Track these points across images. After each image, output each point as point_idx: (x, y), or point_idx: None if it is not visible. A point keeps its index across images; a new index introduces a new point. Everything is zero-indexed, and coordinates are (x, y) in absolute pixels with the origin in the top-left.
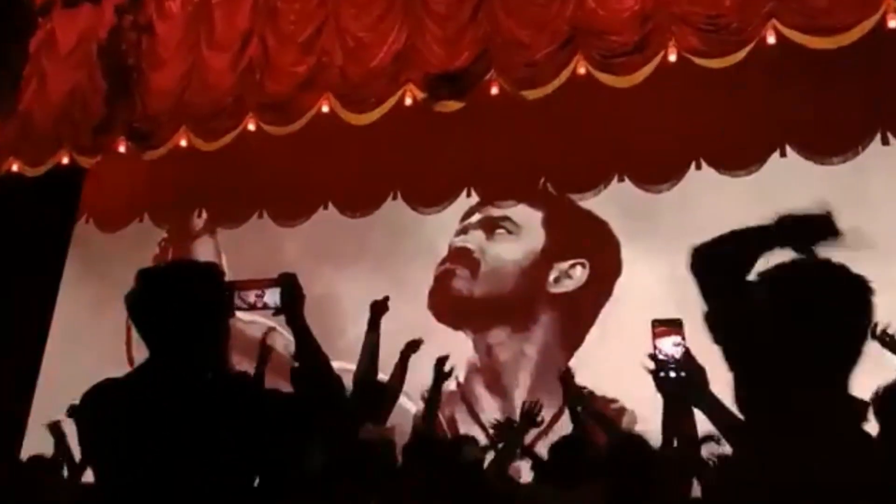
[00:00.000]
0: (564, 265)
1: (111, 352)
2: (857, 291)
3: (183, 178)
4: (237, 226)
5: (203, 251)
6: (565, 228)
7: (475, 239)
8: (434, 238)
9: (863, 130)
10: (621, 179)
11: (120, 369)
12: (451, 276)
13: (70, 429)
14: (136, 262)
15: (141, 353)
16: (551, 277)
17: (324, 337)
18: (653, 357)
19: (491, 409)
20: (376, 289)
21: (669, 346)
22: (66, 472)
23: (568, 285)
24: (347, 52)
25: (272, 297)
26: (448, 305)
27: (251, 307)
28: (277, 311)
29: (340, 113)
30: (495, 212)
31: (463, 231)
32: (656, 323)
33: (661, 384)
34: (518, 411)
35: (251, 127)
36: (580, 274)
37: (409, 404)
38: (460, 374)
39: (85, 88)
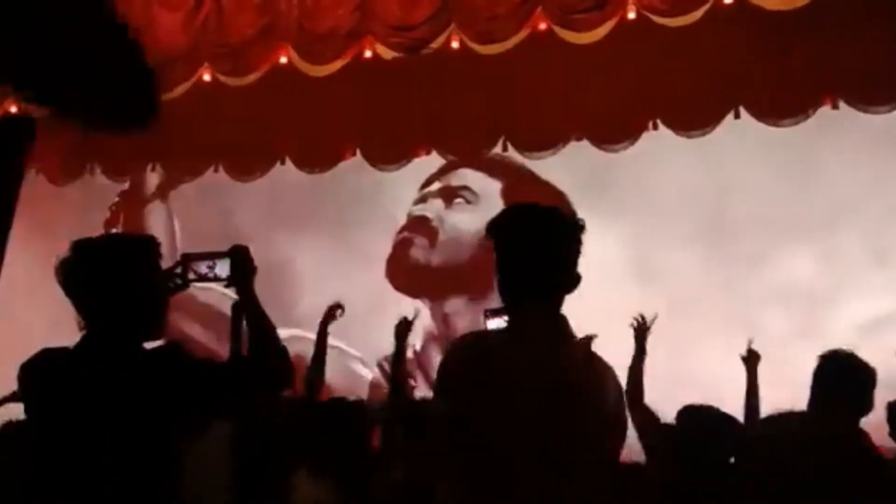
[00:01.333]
0: None
1: (61, 312)
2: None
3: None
4: (191, 180)
5: (155, 217)
6: (523, 198)
7: (433, 208)
8: (392, 206)
9: (814, 94)
10: (579, 138)
11: (72, 330)
12: (409, 245)
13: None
14: (87, 228)
15: None
16: None
17: (280, 304)
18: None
19: None
20: (333, 257)
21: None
22: None
23: None
24: (305, 9)
25: (223, 268)
26: (405, 274)
27: (202, 278)
28: (228, 283)
29: (298, 64)
30: (454, 181)
31: (422, 199)
32: (487, 312)
33: None
34: None
35: (207, 77)
36: None
37: (365, 371)
38: (417, 342)
39: None
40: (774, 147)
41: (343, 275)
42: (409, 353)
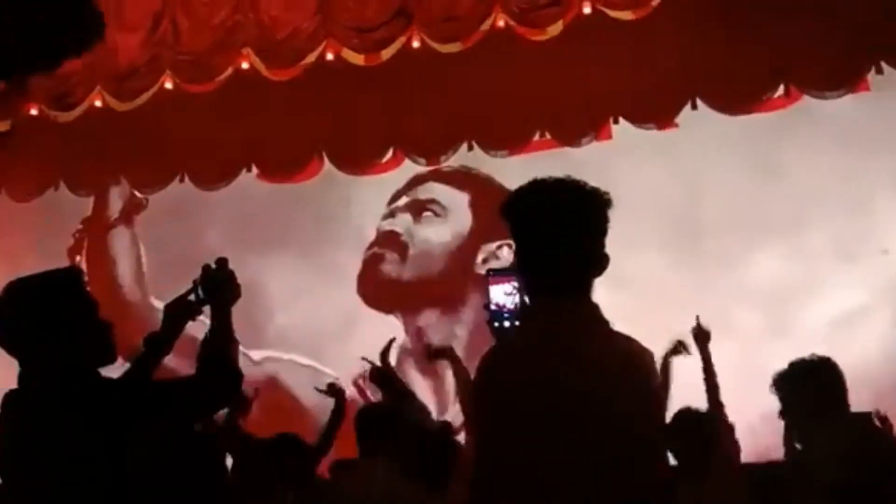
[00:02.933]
0: (492, 246)
1: None
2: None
3: (100, 143)
4: (156, 190)
5: (120, 241)
6: (491, 210)
7: (403, 222)
8: (361, 222)
9: (768, 81)
10: (542, 135)
11: None
12: (380, 260)
13: None
14: (50, 255)
15: None
16: (479, 258)
17: (252, 326)
18: (486, 306)
19: (423, 392)
20: (304, 275)
21: (502, 295)
22: None
23: (495, 265)
24: (265, 14)
25: (200, 291)
26: (377, 289)
27: (201, 307)
28: (204, 302)
29: (260, 69)
30: (422, 194)
31: (390, 214)
32: (490, 272)
33: (496, 333)
34: (450, 393)
35: (168, 85)
36: (507, 254)
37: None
38: (392, 357)
39: None
40: (738, 148)
41: (314, 293)
42: None
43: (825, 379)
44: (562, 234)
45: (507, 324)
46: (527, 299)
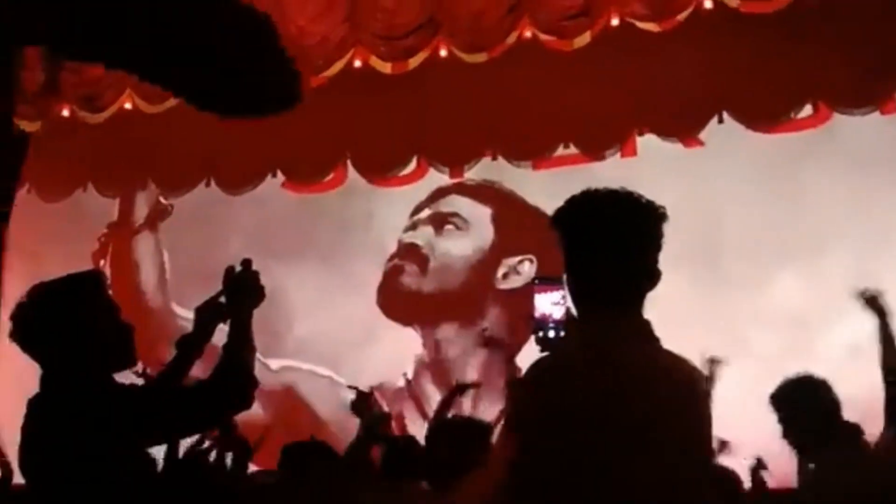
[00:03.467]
0: (513, 261)
1: None
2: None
3: (128, 145)
4: (183, 193)
5: (144, 247)
6: (513, 224)
7: (424, 235)
8: (382, 234)
9: (796, 97)
10: (566, 147)
11: None
12: (400, 272)
13: None
14: (75, 259)
15: None
16: (500, 273)
17: (271, 335)
18: (531, 316)
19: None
20: (324, 286)
21: (548, 305)
22: None
23: (516, 281)
24: (294, 21)
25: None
26: (397, 301)
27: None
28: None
29: None
30: (444, 207)
31: (412, 227)
32: (536, 280)
33: (541, 344)
34: (466, 405)
35: None
36: (528, 269)
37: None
38: (409, 370)
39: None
40: (761, 169)
41: (334, 304)
42: (401, 382)
43: (824, 397)
44: (616, 245)
45: (552, 334)
46: (574, 310)
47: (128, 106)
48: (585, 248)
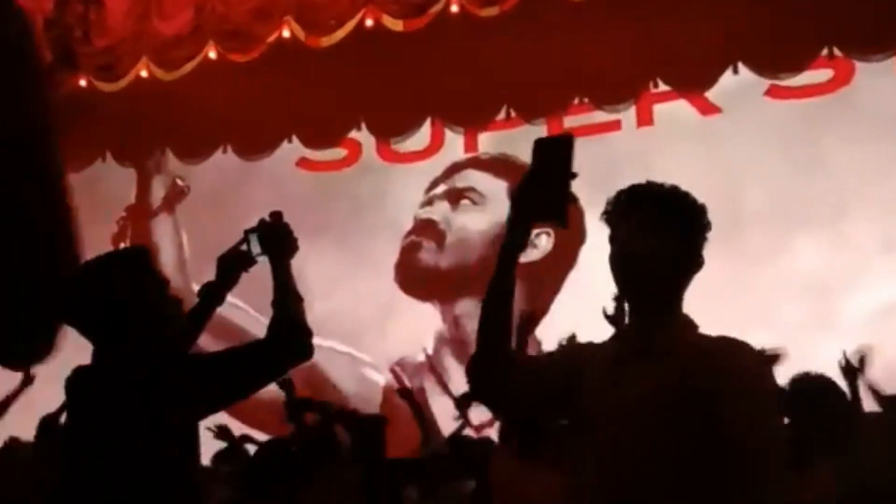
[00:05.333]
0: (531, 234)
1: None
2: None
3: (145, 114)
4: (200, 161)
5: (162, 229)
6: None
7: (440, 210)
8: (398, 211)
9: (812, 45)
10: (581, 101)
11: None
12: (417, 248)
13: None
14: (95, 242)
15: None
16: None
17: None
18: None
19: (460, 380)
20: (341, 264)
21: None
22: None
23: (533, 254)
24: None
25: (254, 244)
26: (415, 278)
27: (253, 256)
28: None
29: (301, 37)
30: (459, 182)
31: (428, 202)
32: None
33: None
34: None
35: (212, 55)
36: (545, 243)
37: (378, 376)
38: (429, 345)
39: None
40: (780, 137)
41: (352, 281)
42: (421, 357)
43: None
44: (667, 242)
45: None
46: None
47: (144, 74)
48: (634, 241)
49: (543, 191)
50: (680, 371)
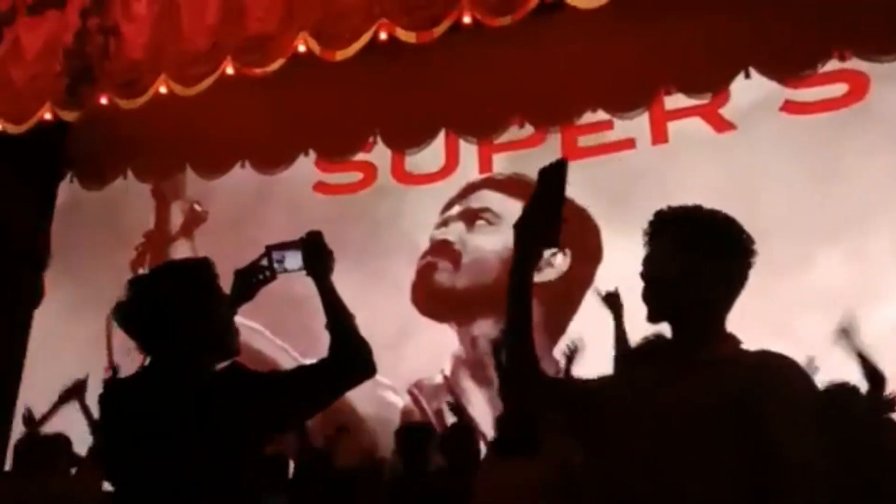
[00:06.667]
0: (546, 253)
1: (91, 356)
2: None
3: (165, 131)
4: (219, 176)
5: (181, 254)
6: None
7: (456, 231)
8: (413, 232)
9: (822, 47)
10: (594, 110)
11: (98, 373)
12: (433, 269)
13: None
14: (114, 270)
15: (122, 359)
16: None
17: (308, 336)
18: None
19: (478, 401)
20: (358, 286)
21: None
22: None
23: (550, 274)
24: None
25: (293, 259)
26: (431, 298)
27: (279, 272)
28: (306, 272)
29: (315, 49)
30: (475, 203)
31: (443, 223)
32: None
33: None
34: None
35: (230, 70)
36: (561, 262)
37: (396, 398)
38: (446, 367)
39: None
40: (796, 151)
41: (369, 303)
42: (439, 378)
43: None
44: (684, 265)
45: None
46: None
47: (163, 90)
48: (674, 262)
49: (541, 215)
50: (721, 382)
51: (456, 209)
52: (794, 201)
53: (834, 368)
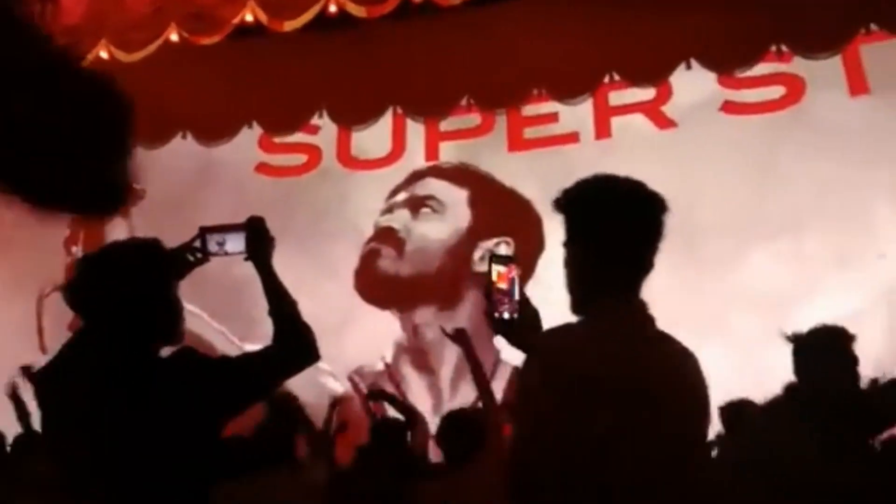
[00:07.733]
0: (490, 243)
1: (24, 336)
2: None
3: None
4: (159, 146)
5: (116, 233)
6: (490, 207)
7: (400, 218)
8: (358, 218)
9: (761, 42)
10: (540, 93)
11: (32, 354)
12: (377, 256)
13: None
14: (47, 246)
15: (54, 342)
16: (476, 256)
17: (248, 320)
18: (487, 295)
19: (419, 389)
20: (300, 270)
21: (502, 284)
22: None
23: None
24: None
25: (235, 243)
26: (374, 285)
27: (213, 254)
28: (246, 257)
29: (263, 19)
30: (420, 190)
31: (388, 210)
32: (492, 257)
33: (496, 326)
34: (445, 390)
35: (174, 38)
36: (505, 251)
37: (336, 385)
38: (388, 354)
39: None
40: (736, 150)
41: (311, 288)
42: (380, 365)
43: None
44: (625, 233)
45: (506, 315)
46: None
47: (103, 55)
48: (592, 234)
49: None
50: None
51: (401, 196)
52: (730, 200)
53: (763, 368)
